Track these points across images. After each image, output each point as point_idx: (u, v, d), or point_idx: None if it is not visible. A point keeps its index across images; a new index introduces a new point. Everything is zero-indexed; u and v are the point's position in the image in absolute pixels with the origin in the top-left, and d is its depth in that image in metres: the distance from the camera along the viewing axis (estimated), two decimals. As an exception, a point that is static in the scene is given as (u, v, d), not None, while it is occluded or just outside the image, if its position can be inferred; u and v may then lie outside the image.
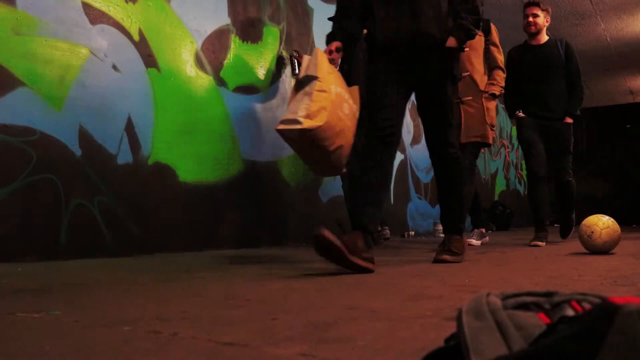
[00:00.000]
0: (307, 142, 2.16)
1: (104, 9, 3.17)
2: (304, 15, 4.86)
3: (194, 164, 3.68)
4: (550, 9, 4.40)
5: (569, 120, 4.27)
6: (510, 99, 4.43)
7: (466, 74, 4.07)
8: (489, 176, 9.25)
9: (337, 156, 2.32)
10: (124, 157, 3.24)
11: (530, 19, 4.27)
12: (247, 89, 4.18)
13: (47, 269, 2.40)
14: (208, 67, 3.85)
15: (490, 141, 4.29)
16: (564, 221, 4.65)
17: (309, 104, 2.06)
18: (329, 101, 2.13)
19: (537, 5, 4.26)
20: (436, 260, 2.63)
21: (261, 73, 4.32)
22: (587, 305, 0.51)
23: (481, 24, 2.77)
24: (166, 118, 3.51)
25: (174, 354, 0.88)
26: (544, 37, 4.34)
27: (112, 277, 2.11)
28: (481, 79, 4.22)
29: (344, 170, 2.65)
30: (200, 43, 3.79)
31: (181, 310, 1.29)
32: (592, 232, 3.13)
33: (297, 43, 4.71)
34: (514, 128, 10.90)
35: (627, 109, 12.07)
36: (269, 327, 1.08)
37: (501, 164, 9.93)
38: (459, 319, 0.52)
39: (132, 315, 1.22)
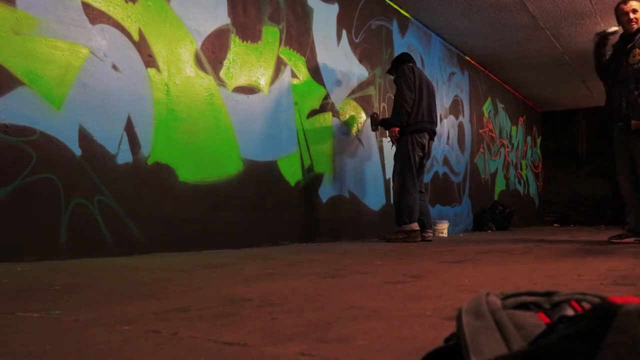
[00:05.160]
0: None
1: (104, 8, 3.17)
2: (303, 15, 4.86)
3: (194, 164, 3.68)
4: None
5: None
6: None
7: None
8: (488, 176, 9.25)
9: None
10: (124, 157, 3.24)
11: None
12: (247, 89, 4.17)
13: (47, 269, 2.40)
14: (208, 67, 3.85)
15: None
16: None
17: None
18: None
19: None
20: None
21: (261, 73, 4.32)
22: (586, 305, 0.51)
23: None
24: (166, 118, 3.51)
25: (174, 353, 0.88)
26: None
27: (112, 277, 2.11)
28: None
29: None
30: (200, 43, 3.79)
31: (181, 309, 1.29)
32: None
33: (297, 43, 4.71)
34: (514, 128, 10.99)
35: (627, 108, 12.05)
36: (269, 327, 1.08)
37: (501, 163, 9.92)
38: (458, 318, 0.52)
39: (132, 315, 1.22)
